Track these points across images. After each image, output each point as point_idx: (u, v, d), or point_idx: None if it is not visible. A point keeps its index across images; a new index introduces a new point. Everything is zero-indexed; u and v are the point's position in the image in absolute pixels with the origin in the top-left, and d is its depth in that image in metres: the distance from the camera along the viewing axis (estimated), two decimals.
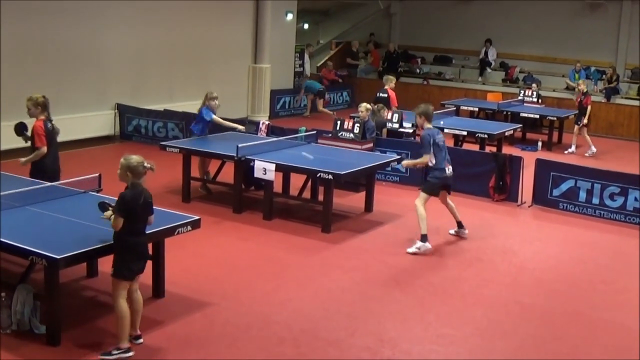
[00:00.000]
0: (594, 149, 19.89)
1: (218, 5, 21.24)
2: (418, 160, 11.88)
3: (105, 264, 9.23)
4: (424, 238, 11.37)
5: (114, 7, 18.07)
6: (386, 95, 18.17)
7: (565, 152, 19.90)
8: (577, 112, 20.27)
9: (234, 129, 14.55)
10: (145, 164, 7.63)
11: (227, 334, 8.15)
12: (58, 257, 7.22)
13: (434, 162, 11.63)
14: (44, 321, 7.78)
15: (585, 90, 20.10)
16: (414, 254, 11.21)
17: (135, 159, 7.60)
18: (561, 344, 8.50)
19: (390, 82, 18.53)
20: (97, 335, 7.97)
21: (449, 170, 11.70)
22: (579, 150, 20.07)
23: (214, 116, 14.03)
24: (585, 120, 19.72)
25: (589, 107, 19.79)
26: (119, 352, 7.46)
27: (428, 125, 11.71)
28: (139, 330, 7.86)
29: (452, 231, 12.31)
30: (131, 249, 7.53)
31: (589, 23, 26.20)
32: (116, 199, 7.53)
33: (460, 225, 12.23)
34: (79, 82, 17.12)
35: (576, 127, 19.98)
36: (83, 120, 16.93)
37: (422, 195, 11.69)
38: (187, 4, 20.15)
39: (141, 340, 7.82)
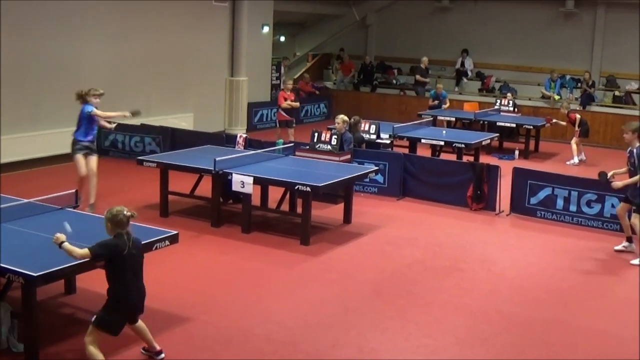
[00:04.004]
0: (576, 160, 20.03)
1: (194, 18, 21.25)
2: (634, 179, 11.68)
3: (84, 281, 9.23)
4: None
5: (90, 22, 18.02)
6: None
7: (568, 162, 20.07)
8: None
9: (123, 116, 13.37)
10: (126, 212, 7.27)
11: (208, 348, 8.11)
12: (35, 274, 7.15)
13: None
14: (22, 339, 7.70)
15: (568, 110, 20.58)
16: None
17: (115, 209, 7.29)
18: (541, 351, 8.51)
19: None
20: (75, 353, 7.87)
21: None
22: (561, 159, 20.30)
23: (94, 109, 12.91)
24: (575, 128, 20.09)
25: (577, 117, 20.14)
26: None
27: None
28: (157, 345, 7.80)
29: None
30: (120, 302, 7.31)
31: (563, 32, 26.45)
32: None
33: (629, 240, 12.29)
34: (55, 98, 16.99)
35: (573, 139, 20.29)
36: (59, 136, 16.72)
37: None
38: (164, 18, 20.14)
39: (162, 356, 7.76)
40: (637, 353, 8.53)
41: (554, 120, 21.15)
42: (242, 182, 12.12)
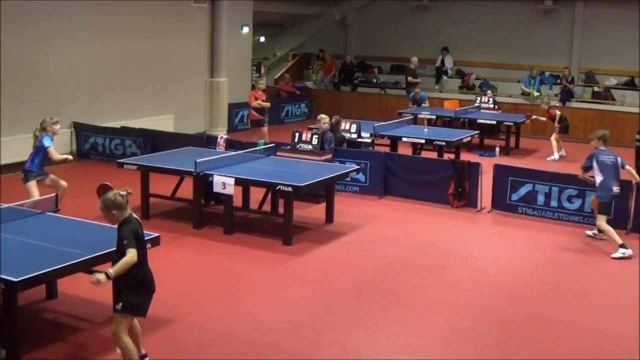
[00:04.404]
0: (556, 156, 20.10)
1: (173, 20, 21.20)
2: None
3: (65, 285, 9.20)
4: (623, 246, 11.97)
5: (68, 25, 17.94)
6: None
7: (548, 159, 20.11)
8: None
9: (64, 161, 12.81)
10: (121, 192, 7.26)
11: (191, 350, 8.10)
12: (16, 279, 7.11)
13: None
14: (4, 345, 7.65)
15: (548, 106, 20.75)
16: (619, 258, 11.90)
17: (109, 195, 7.24)
18: (525, 347, 8.55)
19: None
20: (58, 357, 7.86)
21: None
22: (543, 155, 20.41)
23: (51, 145, 12.42)
24: (555, 125, 20.18)
25: (557, 114, 20.25)
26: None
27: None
28: (143, 349, 7.74)
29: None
30: (142, 282, 7.28)
31: (542, 28, 26.53)
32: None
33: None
34: (34, 102, 16.92)
35: (553, 135, 20.37)
36: None
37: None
38: (142, 20, 20.08)
39: (147, 359, 7.71)
40: (619, 347, 8.58)
41: (534, 117, 21.22)
42: (223, 183, 12.11)
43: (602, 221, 12.24)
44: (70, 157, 13.16)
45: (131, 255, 7.00)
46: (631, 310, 9.70)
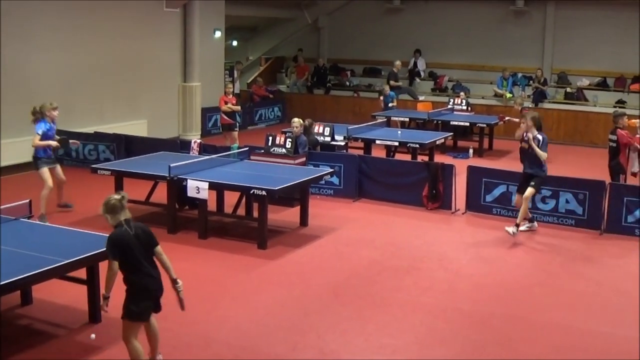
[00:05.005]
0: None
1: (146, 25, 21.11)
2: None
3: (40, 292, 9.14)
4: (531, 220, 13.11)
5: (40, 31, 17.82)
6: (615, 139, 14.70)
7: None
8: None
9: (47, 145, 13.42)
10: (115, 196, 7.27)
11: (167, 355, 8.05)
12: None
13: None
14: None
15: (520, 107, 20.76)
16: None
17: (107, 198, 7.27)
18: (501, 347, 8.58)
19: (621, 119, 14.81)
20: None
21: None
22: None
23: (37, 134, 13.11)
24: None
25: None
26: None
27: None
28: (160, 354, 7.76)
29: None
30: (137, 289, 7.25)
31: (514, 30, 26.68)
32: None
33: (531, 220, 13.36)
34: (5, 108, 16.79)
35: None
36: (11, 146, 16.58)
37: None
38: (114, 25, 19.98)
39: None
40: (596, 346, 8.64)
41: (507, 118, 21.31)
42: (197, 187, 12.08)
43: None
44: (55, 143, 13.48)
45: (109, 267, 7.13)
46: (609, 309, 9.79)
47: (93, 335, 8.15)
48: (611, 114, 15.78)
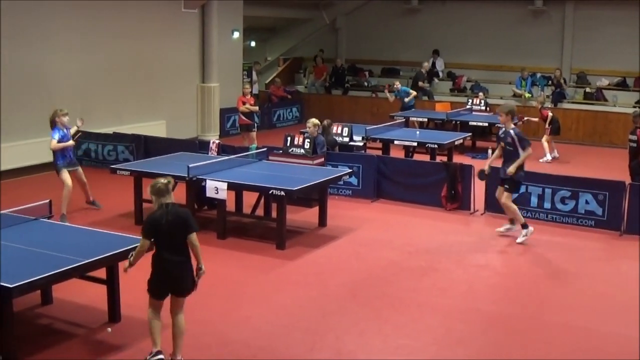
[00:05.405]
0: (549, 157, 20.12)
1: (164, 26, 21.18)
2: (525, 156, 12.35)
3: (60, 291, 9.19)
4: (525, 225, 12.48)
5: (59, 32, 17.91)
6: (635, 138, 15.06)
7: (541, 160, 20.09)
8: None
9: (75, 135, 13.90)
10: (162, 180, 7.71)
11: (186, 355, 8.07)
12: (11, 286, 7.12)
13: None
14: (1, 351, 7.65)
15: (541, 106, 20.69)
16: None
17: (154, 181, 7.76)
18: (519, 349, 8.56)
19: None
20: None
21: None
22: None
23: (55, 138, 13.29)
24: (546, 126, 20.21)
25: (550, 115, 20.19)
26: (149, 356, 7.70)
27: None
28: (181, 356, 7.85)
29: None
30: (156, 268, 7.67)
31: (533, 30, 26.57)
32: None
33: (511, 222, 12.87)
34: (26, 109, 16.87)
35: (544, 137, 20.38)
36: (31, 147, 16.66)
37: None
38: (133, 26, 20.06)
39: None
40: (614, 347, 8.60)
41: (526, 118, 21.24)
42: (216, 188, 12.10)
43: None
44: (72, 142, 13.62)
45: (139, 244, 7.75)
46: (628, 311, 9.71)
47: (109, 329, 8.46)
48: (631, 114, 15.72)
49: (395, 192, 15.24)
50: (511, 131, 12.35)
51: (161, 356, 7.73)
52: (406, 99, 23.18)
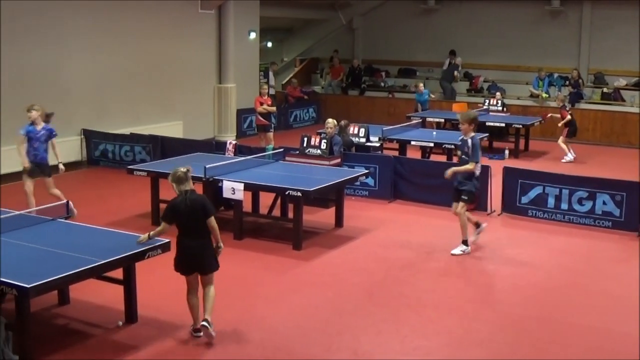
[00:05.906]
0: (570, 156, 20.04)
1: (181, 26, 21.24)
2: (468, 168, 11.87)
3: (77, 292, 9.22)
4: (465, 242, 11.96)
5: (76, 33, 18.01)
6: None
7: (563, 160, 20.03)
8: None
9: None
10: (182, 169, 8.39)
11: (201, 355, 8.11)
12: (28, 286, 7.14)
13: (479, 171, 11.98)
14: (17, 351, 7.68)
15: (562, 104, 20.57)
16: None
17: (174, 169, 8.49)
18: (537, 350, 8.53)
19: None
20: None
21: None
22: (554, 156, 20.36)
23: (22, 133, 12.93)
24: (562, 126, 20.09)
25: (568, 116, 20.04)
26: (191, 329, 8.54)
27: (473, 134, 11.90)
28: (202, 324, 8.41)
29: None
30: (178, 249, 8.35)
31: (550, 30, 26.47)
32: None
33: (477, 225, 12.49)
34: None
35: (560, 138, 20.28)
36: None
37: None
38: (150, 27, 20.13)
39: (200, 334, 8.47)
40: (632, 349, 8.56)
41: (549, 115, 21.13)
42: (232, 188, 12.11)
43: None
44: (26, 165, 12.98)
45: (160, 226, 8.45)
46: None
47: (120, 323, 8.73)
48: None
49: (412, 192, 15.21)
50: (469, 140, 11.84)
51: (200, 333, 8.42)
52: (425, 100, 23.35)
